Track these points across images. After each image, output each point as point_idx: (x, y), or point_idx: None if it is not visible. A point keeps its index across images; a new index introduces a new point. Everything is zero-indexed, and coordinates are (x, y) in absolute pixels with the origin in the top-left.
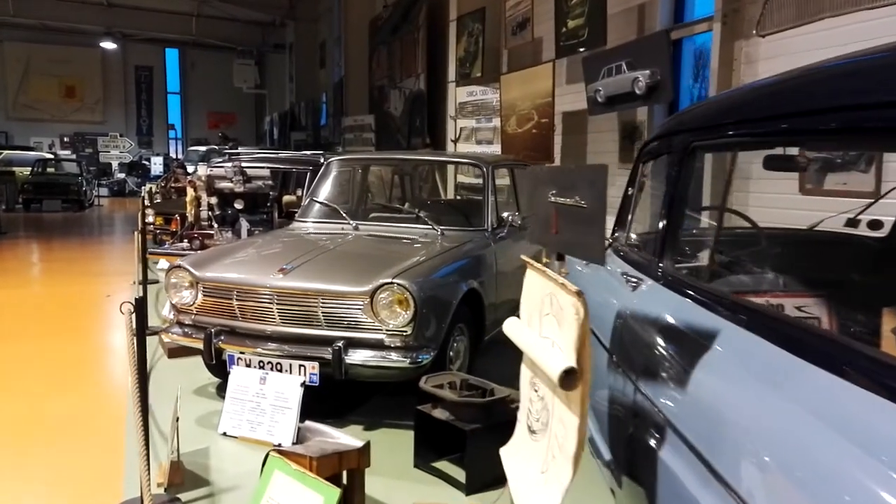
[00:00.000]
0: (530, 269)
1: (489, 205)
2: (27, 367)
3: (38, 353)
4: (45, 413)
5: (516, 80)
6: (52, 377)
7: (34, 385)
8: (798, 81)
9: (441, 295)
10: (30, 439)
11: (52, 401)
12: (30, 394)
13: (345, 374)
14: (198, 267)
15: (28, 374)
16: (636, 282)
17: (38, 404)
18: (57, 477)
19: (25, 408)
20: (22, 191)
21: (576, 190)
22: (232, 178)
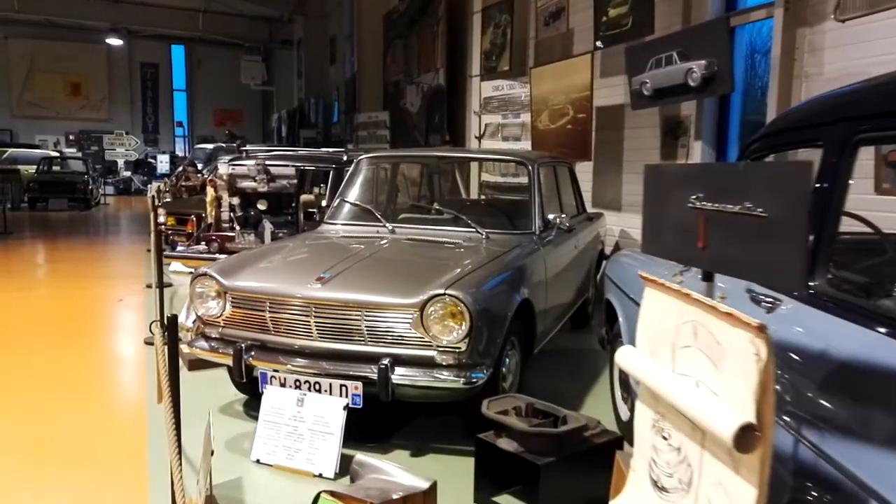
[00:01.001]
0: (655, 290)
1: (536, 205)
2: (36, 379)
3: (47, 363)
4: (55, 434)
5: (549, 74)
6: (64, 392)
7: (44, 401)
8: None
9: (496, 307)
10: (39, 466)
11: (64, 420)
12: (39, 411)
13: (391, 395)
14: (225, 275)
15: (37, 388)
16: (771, 302)
17: (48, 423)
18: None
19: (34, 428)
20: (27, 189)
21: (746, 194)
22: (255, 177)
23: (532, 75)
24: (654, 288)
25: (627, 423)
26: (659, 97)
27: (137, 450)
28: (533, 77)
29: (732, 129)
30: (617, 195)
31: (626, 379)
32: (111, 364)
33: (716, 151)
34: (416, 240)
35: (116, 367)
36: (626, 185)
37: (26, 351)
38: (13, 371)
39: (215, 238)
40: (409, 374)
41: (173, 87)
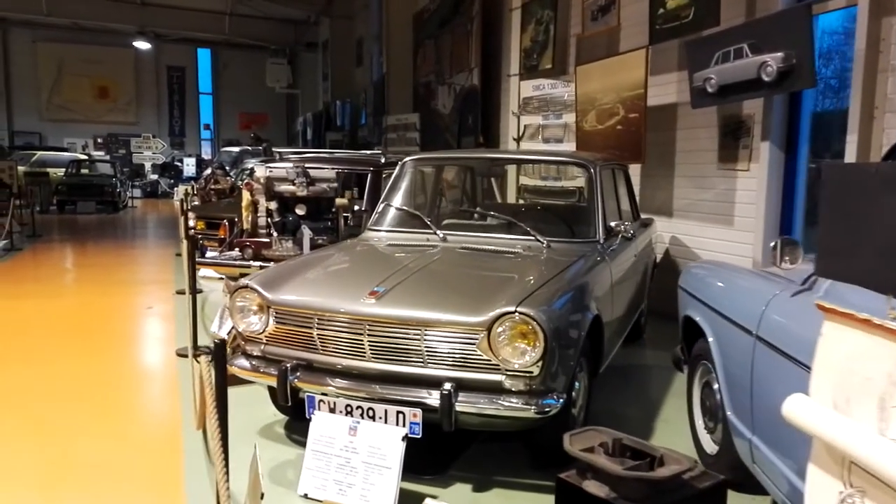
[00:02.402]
0: (848, 326)
1: (599, 212)
2: (60, 394)
3: (73, 376)
4: (79, 458)
5: (597, 71)
6: (90, 409)
7: (68, 419)
8: None
9: (569, 325)
10: (60, 494)
11: (89, 442)
12: (63, 431)
13: (455, 425)
14: (269, 287)
15: (62, 404)
16: None
17: (71, 446)
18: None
19: (58, 450)
20: (56, 192)
21: None
22: (294, 181)
23: (577, 73)
24: (848, 323)
25: (714, 458)
26: (725, 94)
27: (172, 479)
28: (578, 75)
29: (803, 128)
30: (667, 200)
31: (712, 406)
32: (141, 378)
33: (785, 153)
34: (471, 248)
35: (147, 382)
36: (678, 190)
37: (52, 363)
38: (37, 385)
39: (249, 244)
40: (474, 401)
41: (199, 90)
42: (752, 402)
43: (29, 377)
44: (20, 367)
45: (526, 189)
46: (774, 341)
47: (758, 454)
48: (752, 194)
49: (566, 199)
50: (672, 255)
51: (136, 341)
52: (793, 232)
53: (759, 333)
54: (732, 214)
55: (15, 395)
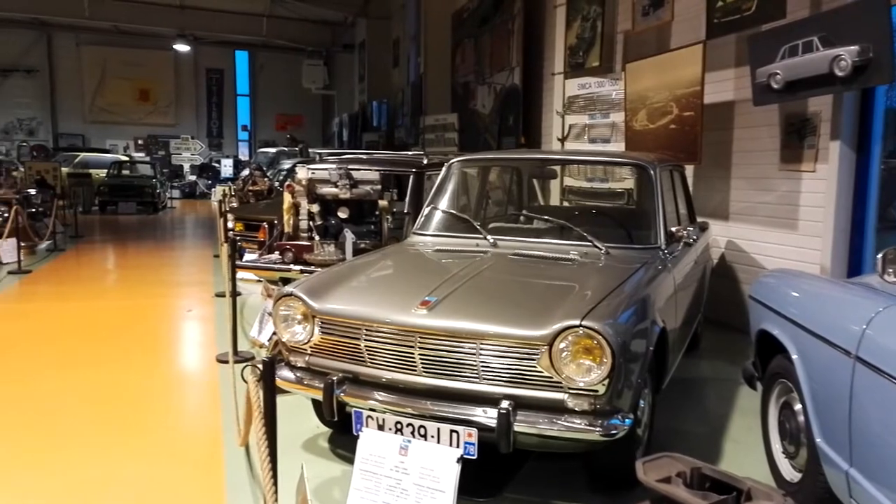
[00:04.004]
0: None
1: (659, 216)
2: (99, 402)
3: (112, 382)
4: (118, 470)
5: (648, 68)
6: (129, 420)
7: (106, 429)
8: None
9: (637, 340)
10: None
11: (128, 454)
12: (102, 441)
13: (513, 445)
14: (314, 296)
15: (99, 413)
16: None
17: (110, 457)
18: None
19: (96, 462)
20: (98, 193)
21: None
22: (337, 183)
23: (627, 71)
24: None
25: (797, 486)
26: (792, 90)
27: (214, 496)
28: (628, 73)
29: (876, 126)
30: (724, 202)
31: (793, 429)
32: (181, 386)
33: (856, 153)
34: (525, 255)
35: (187, 390)
36: (735, 192)
37: (92, 368)
38: (77, 391)
39: (290, 247)
40: (533, 421)
41: (237, 91)
42: (851, 431)
43: (69, 383)
44: (61, 372)
45: (571, 191)
46: (882, 365)
47: (858, 489)
48: (818, 197)
49: (613, 201)
50: (728, 260)
51: (176, 346)
52: (865, 237)
53: (859, 354)
54: (796, 218)
55: (55, 402)
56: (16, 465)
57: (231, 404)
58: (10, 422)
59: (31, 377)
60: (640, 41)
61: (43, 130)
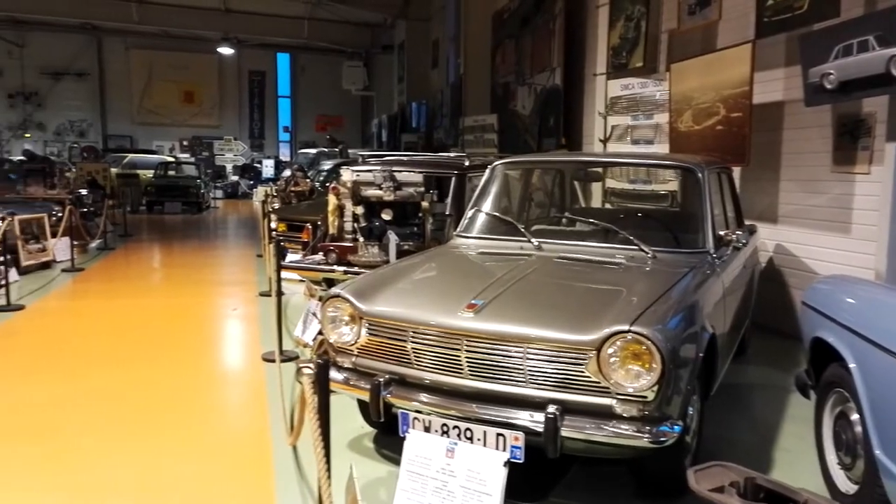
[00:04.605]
0: None
1: (707, 219)
2: (147, 400)
3: (160, 381)
4: (168, 469)
5: (695, 69)
6: (177, 418)
7: (157, 425)
8: None
9: (686, 346)
10: None
11: (175, 452)
12: (152, 439)
13: (560, 450)
14: (361, 297)
15: (148, 411)
16: None
17: (160, 455)
18: None
19: (147, 461)
20: (145, 193)
21: None
22: (381, 185)
23: (672, 71)
24: None
25: (853, 498)
26: (846, 90)
27: (264, 496)
28: (673, 73)
29: None
30: (772, 205)
31: (850, 440)
32: (228, 384)
33: None
34: (570, 258)
35: (234, 389)
36: (784, 194)
37: (141, 366)
38: (126, 390)
39: (333, 248)
40: (581, 426)
41: (278, 93)
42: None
43: (119, 380)
44: (112, 369)
45: (613, 193)
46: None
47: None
48: (872, 200)
49: (657, 203)
50: (777, 264)
51: (221, 344)
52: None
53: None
54: (849, 222)
55: (107, 399)
56: (70, 461)
57: (278, 403)
58: (65, 419)
59: (84, 374)
60: (684, 41)
61: (93, 132)
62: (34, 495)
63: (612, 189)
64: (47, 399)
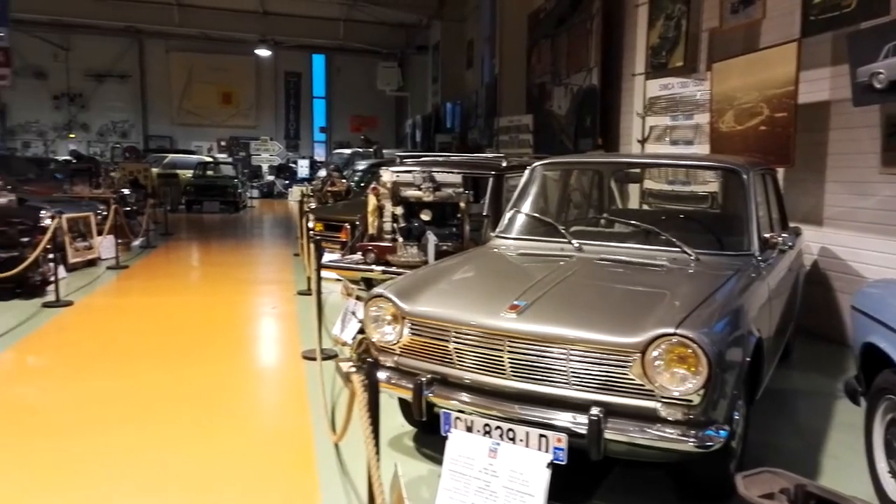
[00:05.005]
0: None
1: (753, 221)
2: (190, 397)
3: (202, 378)
4: (213, 467)
5: (737, 68)
6: (222, 413)
7: (201, 422)
8: None
9: (733, 350)
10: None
11: (220, 449)
12: (196, 437)
13: (603, 453)
14: (404, 297)
15: (191, 408)
16: None
17: (205, 453)
18: None
19: (192, 459)
20: (185, 192)
21: None
22: (420, 186)
23: (714, 71)
24: None
25: None
26: (894, 90)
27: (308, 493)
28: (715, 73)
29: None
30: (817, 207)
31: None
32: (270, 382)
33: None
34: (611, 260)
35: (276, 387)
36: (830, 196)
37: (183, 364)
38: (169, 388)
39: (372, 248)
40: (624, 429)
41: (313, 94)
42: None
43: (164, 377)
44: (157, 367)
45: (650, 194)
46: None
47: None
48: None
49: (696, 204)
50: (822, 267)
51: (261, 342)
52: None
53: None
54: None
55: (153, 396)
56: (124, 454)
57: (318, 400)
58: (117, 414)
59: (131, 370)
60: (726, 40)
61: (134, 132)
62: (100, 487)
63: (649, 190)
64: (98, 394)
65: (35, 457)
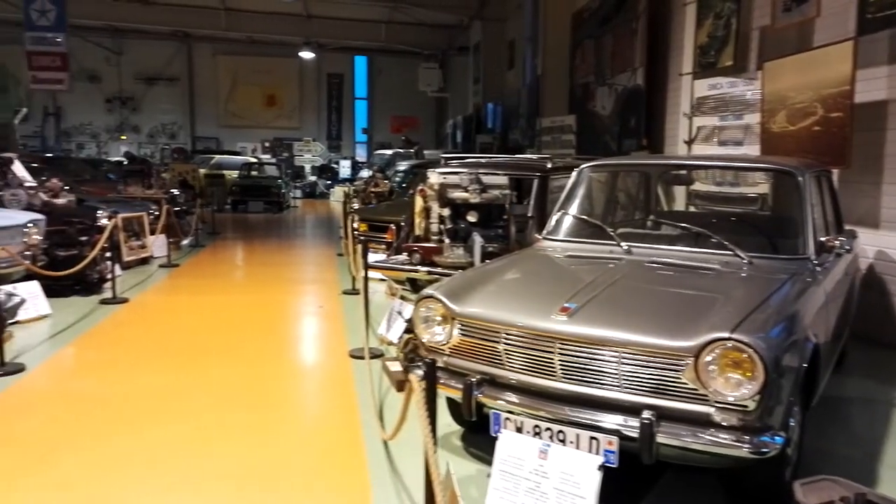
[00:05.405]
0: None
1: (809, 224)
2: (241, 394)
3: (252, 375)
4: (264, 464)
5: (790, 67)
6: (272, 410)
7: (252, 421)
8: None
9: (789, 356)
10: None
11: (273, 445)
12: (248, 434)
13: (655, 456)
14: (454, 298)
15: (247, 403)
16: None
17: (257, 450)
18: None
19: (244, 455)
20: (230, 192)
21: None
22: (467, 188)
23: (765, 70)
24: None
25: None
26: None
27: (359, 490)
28: (766, 72)
29: None
30: (873, 209)
31: None
32: (319, 380)
33: None
34: (661, 263)
35: (324, 385)
36: (887, 198)
37: (234, 359)
38: (222, 382)
39: (417, 249)
40: (677, 433)
41: (355, 95)
42: None
43: (217, 373)
44: (209, 363)
45: (697, 195)
46: None
47: None
48: None
49: (745, 206)
50: (878, 271)
51: (310, 341)
52: None
53: None
54: None
55: (207, 392)
56: (183, 447)
57: (366, 398)
58: (174, 408)
59: (185, 366)
60: (778, 38)
61: (182, 134)
62: (162, 478)
63: (696, 191)
64: (156, 388)
65: (103, 447)
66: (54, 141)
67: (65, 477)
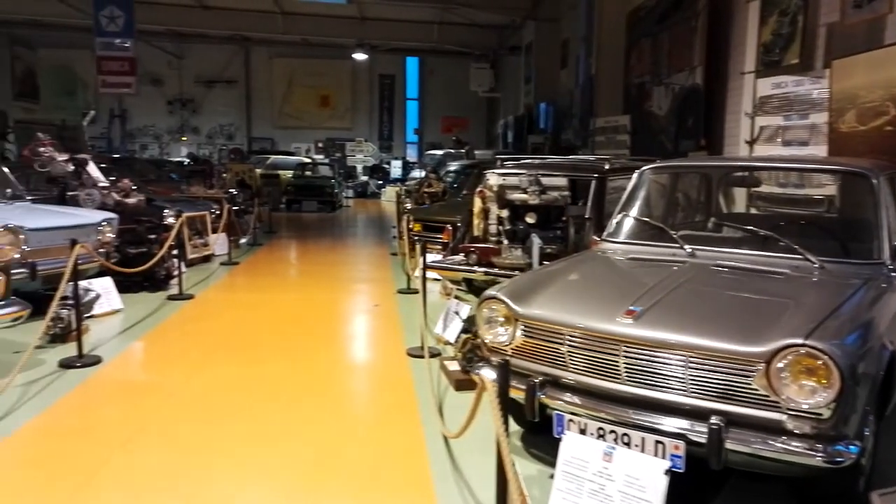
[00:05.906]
0: None
1: (884, 228)
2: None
3: (317, 371)
4: (329, 460)
5: (861, 65)
6: (334, 407)
7: (316, 417)
8: None
9: (865, 363)
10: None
11: (336, 442)
12: (312, 430)
13: (723, 463)
14: (517, 300)
15: (309, 400)
16: None
17: (321, 445)
18: None
19: (309, 451)
20: (285, 192)
21: None
22: (527, 189)
23: (834, 68)
24: None
25: None
26: None
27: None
28: (835, 70)
29: None
30: None
31: None
32: (378, 378)
33: None
34: (727, 267)
35: (384, 383)
36: None
37: (297, 356)
38: (286, 377)
39: (473, 249)
40: (746, 440)
41: (406, 95)
42: None
43: (277, 370)
44: (273, 359)
45: (759, 197)
46: None
47: None
48: None
49: (811, 209)
50: None
51: (368, 339)
52: None
53: None
54: None
55: (273, 386)
56: (254, 440)
57: (426, 396)
58: (241, 402)
59: (250, 362)
60: (847, 35)
61: (239, 135)
62: (231, 469)
63: (758, 193)
64: (222, 382)
65: (178, 437)
66: (120, 142)
67: (147, 464)
